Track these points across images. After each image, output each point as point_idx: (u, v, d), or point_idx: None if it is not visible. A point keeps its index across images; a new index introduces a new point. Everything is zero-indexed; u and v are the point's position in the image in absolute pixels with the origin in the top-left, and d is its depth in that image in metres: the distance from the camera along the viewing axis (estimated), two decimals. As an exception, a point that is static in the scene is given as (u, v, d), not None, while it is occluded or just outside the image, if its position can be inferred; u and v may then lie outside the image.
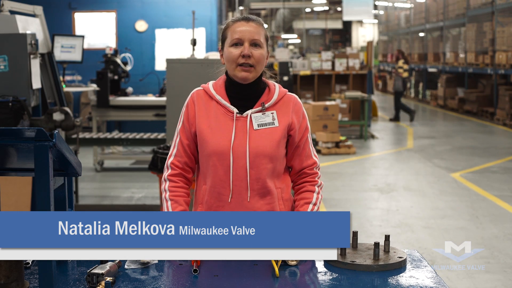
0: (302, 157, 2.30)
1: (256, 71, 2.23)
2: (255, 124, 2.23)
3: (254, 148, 2.20)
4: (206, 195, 2.25)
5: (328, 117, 10.72)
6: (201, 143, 2.25)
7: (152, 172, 5.13)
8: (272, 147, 2.22)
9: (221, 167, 2.21)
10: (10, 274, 1.74)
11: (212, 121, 2.24)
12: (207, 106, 2.27)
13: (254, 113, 2.25)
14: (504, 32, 14.27)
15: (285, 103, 2.29)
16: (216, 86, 2.31)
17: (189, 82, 5.29)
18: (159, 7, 11.39)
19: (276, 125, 2.24)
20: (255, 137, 2.22)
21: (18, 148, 1.77)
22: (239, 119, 2.24)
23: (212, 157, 2.22)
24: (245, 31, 2.22)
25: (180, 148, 2.29)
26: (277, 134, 2.23)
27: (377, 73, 28.32)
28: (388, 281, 1.90)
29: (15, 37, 4.86)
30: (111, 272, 1.88)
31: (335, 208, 6.66)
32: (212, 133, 2.23)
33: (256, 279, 1.92)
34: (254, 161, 2.20)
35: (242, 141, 2.21)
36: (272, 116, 2.25)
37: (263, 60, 2.25)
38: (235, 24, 2.24)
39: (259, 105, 2.26)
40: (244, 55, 2.20)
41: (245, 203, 2.21)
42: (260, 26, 2.26)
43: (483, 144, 11.44)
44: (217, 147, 2.21)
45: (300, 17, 32.85)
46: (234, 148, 2.20)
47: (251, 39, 2.21)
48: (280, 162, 2.26)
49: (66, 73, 8.96)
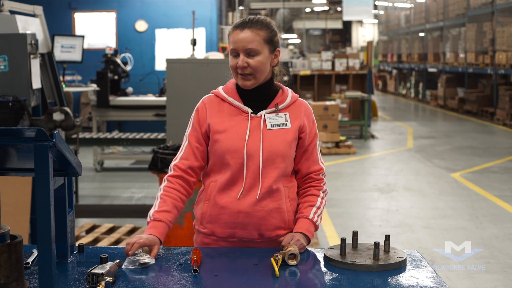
0: (310, 161, 2.33)
1: (256, 78, 2.26)
2: (268, 124, 2.27)
3: (268, 147, 2.24)
4: (214, 191, 2.27)
5: (328, 117, 10.72)
6: (214, 142, 2.27)
7: (152, 172, 5.11)
8: (285, 147, 2.26)
9: (234, 165, 2.24)
10: (10, 274, 1.74)
11: (226, 120, 2.28)
12: (220, 108, 2.31)
13: (268, 113, 2.29)
14: (504, 32, 14.27)
15: (297, 106, 2.34)
16: (227, 89, 2.34)
17: (189, 82, 5.30)
18: (159, 7, 11.39)
19: (288, 126, 2.28)
20: (269, 136, 2.26)
21: (18, 148, 1.76)
22: (253, 119, 2.28)
23: (226, 155, 2.24)
24: (239, 41, 2.23)
25: (187, 151, 2.31)
26: (289, 135, 2.27)
27: (377, 73, 28.33)
28: (388, 281, 1.90)
29: (15, 37, 4.86)
30: (111, 272, 1.88)
31: (335, 208, 6.66)
32: (226, 132, 2.26)
33: (256, 279, 1.92)
34: (267, 159, 2.24)
35: (256, 140, 2.24)
36: (285, 118, 2.29)
37: (263, 65, 2.25)
38: (233, 32, 2.26)
39: (273, 106, 2.30)
40: (239, 67, 2.23)
41: (254, 200, 2.24)
42: (259, 30, 2.25)
43: (483, 144, 11.44)
44: (231, 145, 2.24)
45: (300, 17, 32.86)
46: (248, 147, 2.23)
47: (245, 49, 2.23)
48: (290, 162, 2.31)
49: (66, 73, 8.97)
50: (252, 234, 2.26)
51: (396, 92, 25.07)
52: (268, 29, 2.28)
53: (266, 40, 2.26)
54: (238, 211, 2.24)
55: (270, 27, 2.29)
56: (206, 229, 2.30)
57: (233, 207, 2.24)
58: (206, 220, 2.29)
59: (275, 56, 2.32)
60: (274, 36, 2.30)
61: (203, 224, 2.31)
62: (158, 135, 7.85)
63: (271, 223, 2.26)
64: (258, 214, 2.24)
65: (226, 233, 2.26)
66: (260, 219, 2.24)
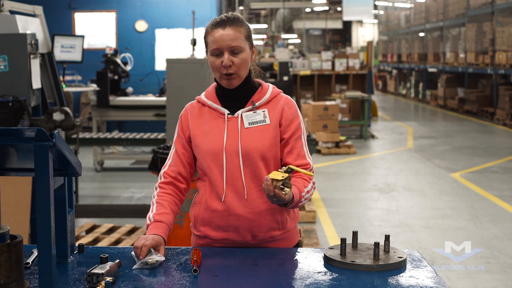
0: (294, 155, 2.25)
1: (240, 76, 2.24)
2: (246, 123, 2.24)
3: (246, 146, 2.21)
4: (206, 194, 2.27)
5: (328, 117, 10.72)
6: (196, 147, 2.27)
7: (152, 172, 5.12)
8: (265, 145, 2.22)
9: (215, 168, 2.22)
10: (10, 274, 1.74)
11: (205, 125, 2.27)
12: (200, 113, 2.30)
13: (244, 112, 2.26)
14: (504, 32, 14.27)
15: (277, 101, 2.29)
16: (207, 93, 2.34)
17: (189, 82, 5.29)
18: (159, 7, 11.39)
19: (267, 122, 2.24)
20: (246, 135, 2.22)
21: (18, 148, 1.76)
22: (231, 120, 2.25)
23: (206, 158, 2.24)
24: (223, 39, 2.20)
25: (175, 158, 2.31)
26: (269, 131, 2.23)
27: (377, 73, 28.33)
28: (388, 281, 1.90)
29: (15, 37, 4.86)
30: (111, 272, 1.88)
31: (335, 208, 6.66)
32: (205, 136, 2.25)
33: (256, 279, 1.92)
34: (247, 159, 2.21)
35: (234, 140, 2.22)
36: (263, 114, 2.25)
37: (246, 63, 2.24)
38: (213, 31, 2.23)
39: (250, 104, 2.27)
40: (225, 66, 2.20)
41: (243, 201, 2.21)
42: (239, 27, 2.22)
43: (483, 144, 11.44)
44: (210, 148, 2.23)
45: (300, 17, 32.87)
46: (226, 148, 2.21)
47: (229, 47, 2.20)
48: (276, 159, 2.26)
49: (66, 73, 8.97)
50: (245, 236, 2.23)
51: (396, 92, 25.07)
52: (246, 26, 2.26)
53: (246, 37, 2.24)
54: (229, 214, 2.21)
55: (246, 23, 2.27)
56: (200, 232, 2.29)
57: (224, 210, 2.22)
58: (199, 223, 2.28)
59: (253, 53, 2.29)
60: (250, 32, 2.28)
61: (196, 227, 2.30)
62: (158, 135, 7.84)
63: (263, 224, 2.22)
64: (249, 216, 2.21)
65: (219, 236, 2.24)
66: (252, 221, 2.21)
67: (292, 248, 2.28)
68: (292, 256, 2.16)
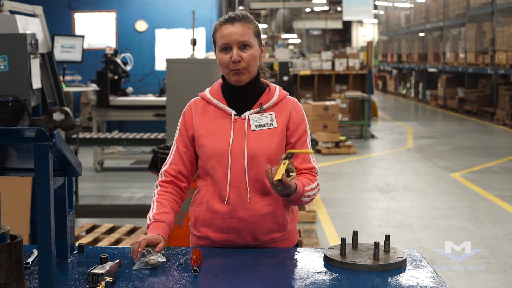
0: (300, 159, 2.24)
1: (249, 71, 2.21)
2: (253, 125, 2.21)
3: (252, 149, 2.19)
4: (207, 195, 2.24)
5: (328, 117, 10.72)
6: (200, 147, 2.24)
7: (152, 172, 5.12)
8: (271, 148, 2.19)
9: (220, 169, 2.20)
10: (10, 274, 1.74)
11: (211, 124, 2.23)
12: (205, 111, 2.27)
13: (252, 114, 2.23)
14: (504, 32, 14.27)
15: (284, 104, 2.27)
16: (213, 91, 2.30)
17: (189, 82, 5.29)
18: (159, 7, 11.39)
19: (274, 126, 2.22)
20: (253, 138, 2.20)
21: (18, 148, 1.76)
22: (237, 121, 2.22)
23: (211, 159, 2.21)
24: (231, 34, 2.18)
25: (176, 156, 2.29)
26: (276, 135, 2.21)
27: (377, 73, 28.33)
28: (388, 281, 1.90)
29: (15, 37, 4.86)
30: (111, 272, 1.88)
31: (335, 208, 6.66)
32: (210, 136, 2.22)
33: (256, 279, 1.92)
34: (252, 162, 2.18)
35: (240, 142, 2.20)
36: (271, 117, 2.23)
37: (255, 59, 2.22)
38: (222, 27, 2.21)
39: (258, 106, 2.24)
40: (234, 61, 2.17)
41: (246, 204, 2.20)
42: (248, 23, 2.22)
43: (483, 144, 11.44)
44: (215, 149, 2.20)
45: (300, 17, 32.87)
46: (232, 150, 2.19)
47: (238, 42, 2.18)
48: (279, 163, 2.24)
49: (66, 73, 8.97)
50: (246, 239, 2.22)
51: (396, 92, 25.07)
52: (255, 23, 2.25)
53: (255, 34, 2.23)
54: (231, 216, 2.20)
55: (255, 21, 2.26)
56: (200, 233, 2.27)
57: (226, 212, 2.20)
58: (200, 224, 2.26)
59: (262, 51, 2.28)
60: (260, 30, 2.27)
61: (197, 227, 2.28)
62: (158, 135, 7.84)
63: (265, 227, 2.21)
64: (251, 219, 2.19)
65: (220, 237, 2.23)
66: (254, 224, 2.20)
67: (292, 248, 2.27)
68: (292, 256, 2.16)
